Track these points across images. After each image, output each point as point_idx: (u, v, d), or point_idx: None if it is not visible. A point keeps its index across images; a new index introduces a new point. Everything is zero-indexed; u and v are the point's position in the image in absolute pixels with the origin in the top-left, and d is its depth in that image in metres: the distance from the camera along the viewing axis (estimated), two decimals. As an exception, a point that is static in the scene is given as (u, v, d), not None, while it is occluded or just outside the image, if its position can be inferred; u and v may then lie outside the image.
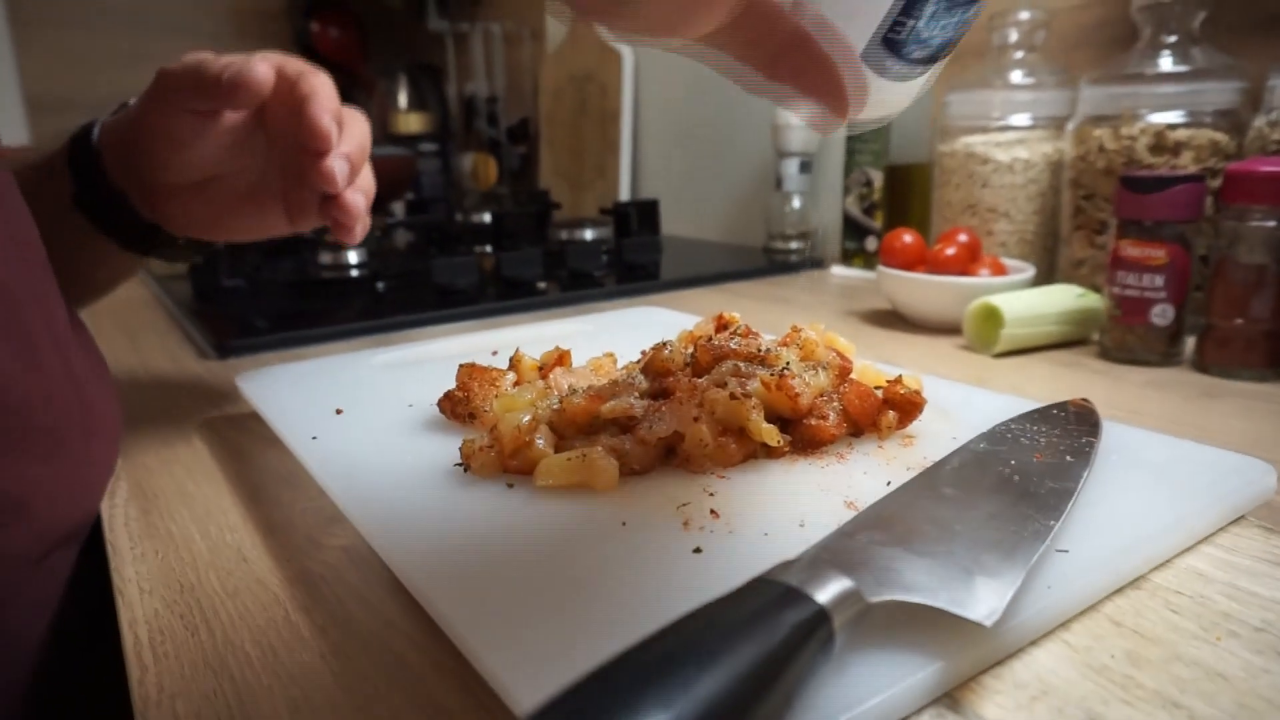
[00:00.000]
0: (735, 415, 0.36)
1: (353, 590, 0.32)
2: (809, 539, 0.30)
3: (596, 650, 0.24)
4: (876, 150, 0.94)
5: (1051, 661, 0.25)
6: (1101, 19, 0.79)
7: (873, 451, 0.38)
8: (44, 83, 1.91)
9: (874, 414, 0.39)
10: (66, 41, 1.92)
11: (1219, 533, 0.32)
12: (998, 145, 0.77)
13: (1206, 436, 0.45)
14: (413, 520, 0.32)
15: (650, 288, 0.91)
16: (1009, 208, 0.77)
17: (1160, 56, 0.66)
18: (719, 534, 0.31)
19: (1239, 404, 0.51)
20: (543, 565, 0.29)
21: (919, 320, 0.72)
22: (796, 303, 0.85)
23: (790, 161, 1.09)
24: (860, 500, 0.33)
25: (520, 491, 0.35)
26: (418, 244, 1.14)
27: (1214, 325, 0.57)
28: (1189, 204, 0.57)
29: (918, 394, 0.40)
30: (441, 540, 0.31)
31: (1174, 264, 0.57)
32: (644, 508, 0.33)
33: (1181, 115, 0.64)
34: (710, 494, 0.34)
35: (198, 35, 2.10)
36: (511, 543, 0.30)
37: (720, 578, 0.27)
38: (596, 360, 0.48)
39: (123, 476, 0.45)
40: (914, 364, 0.60)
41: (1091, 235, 0.70)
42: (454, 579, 0.28)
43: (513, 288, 0.88)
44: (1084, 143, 0.70)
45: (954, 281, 0.68)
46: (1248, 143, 0.63)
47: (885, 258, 0.73)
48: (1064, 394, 0.54)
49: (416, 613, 0.30)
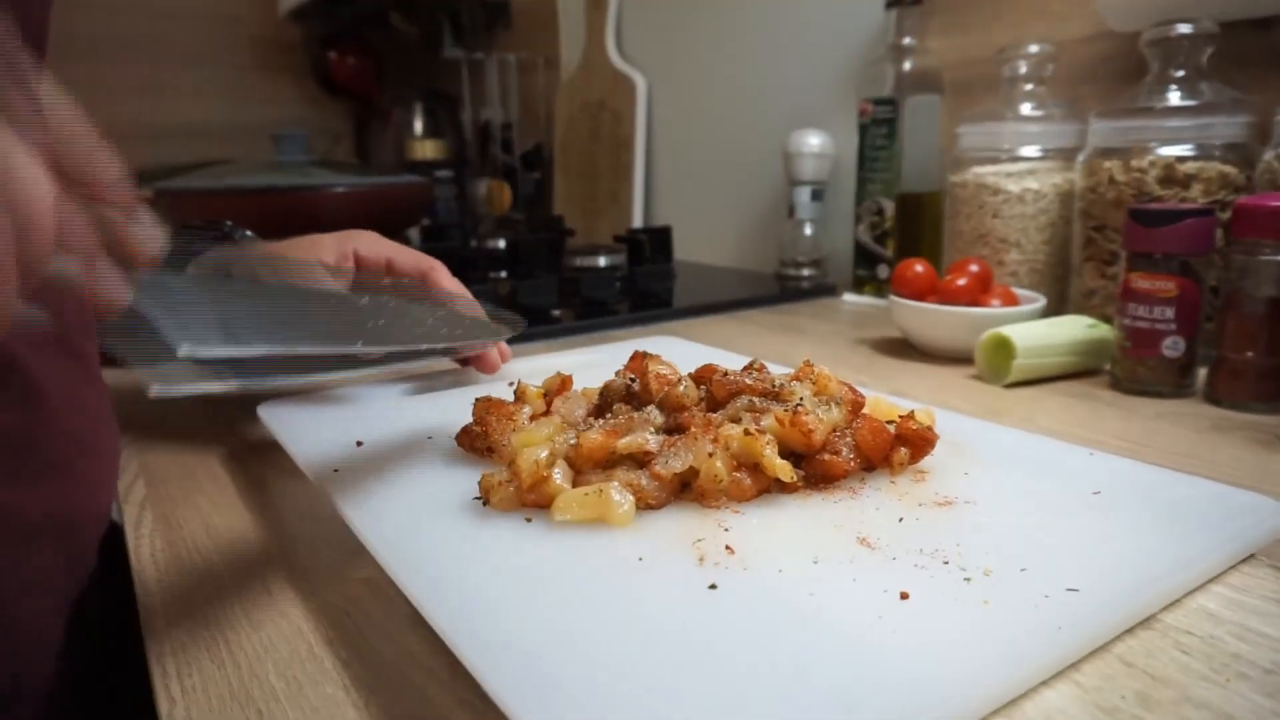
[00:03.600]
0: (750, 451, 0.37)
1: (375, 624, 0.33)
2: (822, 576, 0.30)
3: (614, 688, 0.24)
4: (888, 179, 0.95)
5: (1062, 702, 0.25)
6: (1109, 52, 0.80)
7: (885, 486, 0.39)
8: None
9: (886, 449, 0.40)
10: (89, 73, 1.96)
11: (1229, 571, 0.32)
12: (1008, 176, 0.78)
13: (1217, 471, 0.45)
14: (434, 554, 0.33)
15: (664, 315, 0.92)
16: (1020, 238, 0.78)
17: (1169, 90, 0.67)
18: (733, 570, 0.31)
19: (1251, 437, 0.51)
20: (561, 601, 0.29)
21: (930, 350, 0.72)
22: (809, 331, 0.85)
23: (802, 190, 1.10)
24: (873, 536, 0.33)
25: (538, 525, 0.35)
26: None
27: (1225, 358, 0.57)
28: (1198, 237, 0.57)
29: (930, 429, 0.41)
30: (462, 575, 0.31)
31: (1184, 296, 0.58)
32: (659, 543, 0.33)
33: (1191, 149, 0.65)
34: (725, 529, 0.35)
35: (218, 66, 2.15)
36: (530, 578, 0.31)
37: (735, 615, 0.28)
38: (590, 390, 0.49)
39: (148, 506, 0.46)
40: (925, 395, 0.61)
41: (1102, 266, 0.71)
42: (474, 614, 0.29)
43: (528, 315, 0.89)
44: (1094, 175, 0.70)
45: (965, 312, 0.69)
46: (1257, 175, 0.63)
47: (897, 287, 0.74)
48: (1075, 425, 0.54)
49: (438, 646, 0.30)
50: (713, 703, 0.24)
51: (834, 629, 0.27)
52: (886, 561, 0.31)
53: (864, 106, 0.96)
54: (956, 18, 0.95)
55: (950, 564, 0.31)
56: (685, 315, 0.93)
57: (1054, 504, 0.36)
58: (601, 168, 1.54)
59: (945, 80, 0.94)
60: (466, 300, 0.57)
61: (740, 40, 1.27)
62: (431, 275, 0.57)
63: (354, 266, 0.55)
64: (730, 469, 0.37)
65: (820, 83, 1.15)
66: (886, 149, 0.95)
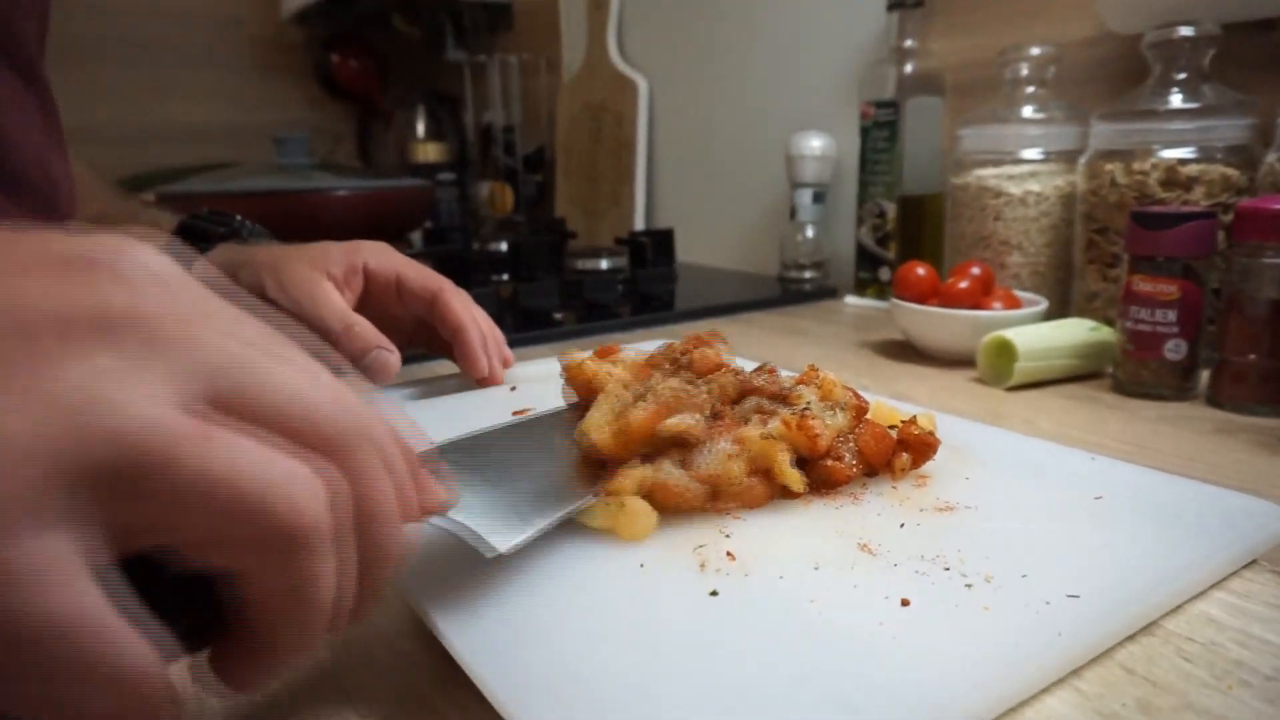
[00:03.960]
0: (765, 456, 0.37)
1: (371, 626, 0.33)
2: (824, 581, 0.30)
3: (615, 694, 0.24)
4: (889, 182, 0.95)
5: (1064, 709, 0.25)
6: (1111, 54, 0.80)
7: (886, 491, 0.39)
8: (71, 116, 1.96)
9: (889, 455, 0.40)
10: (91, 74, 1.96)
11: (1231, 577, 0.32)
12: (1010, 178, 0.78)
13: (1220, 475, 0.45)
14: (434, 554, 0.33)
15: (665, 318, 0.92)
16: (1022, 240, 0.78)
17: (1171, 93, 0.66)
18: (734, 576, 0.31)
19: (1253, 440, 0.51)
20: (562, 606, 0.29)
21: (932, 352, 0.72)
22: (811, 334, 0.85)
23: (804, 192, 1.10)
24: (874, 542, 0.33)
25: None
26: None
27: (1227, 361, 0.57)
28: (1200, 240, 0.57)
29: (932, 435, 0.41)
30: (462, 576, 0.31)
31: (1186, 299, 0.58)
32: (661, 548, 0.33)
33: (1192, 151, 0.65)
34: (726, 535, 0.35)
35: (220, 68, 2.15)
36: (530, 580, 0.31)
37: (736, 621, 0.28)
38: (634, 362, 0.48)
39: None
40: (927, 398, 0.61)
41: (1104, 269, 0.71)
42: (473, 619, 0.29)
43: (530, 318, 0.89)
44: (1096, 177, 0.70)
45: (967, 315, 0.69)
46: (1259, 177, 0.63)
47: (899, 290, 0.74)
48: (1077, 429, 0.54)
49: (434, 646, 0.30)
50: (714, 709, 0.24)
51: (835, 635, 0.27)
52: (888, 568, 0.31)
53: (865, 109, 0.96)
54: (958, 19, 0.95)
55: (951, 570, 0.31)
56: (687, 318, 0.93)
57: (1055, 509, 0.36)
58: (603, 169, 1.54)
59: (947, 82, 0.94)
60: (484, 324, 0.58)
61: (742, 43, 1.27)
62: (441, 297, 0.57)
63: (363, 280, 0.55)
64: (746, 473, 0.37)
65: (822, 85, 1.15)
66: (888, 151, 0.95)
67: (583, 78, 1.59)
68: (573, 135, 1.63)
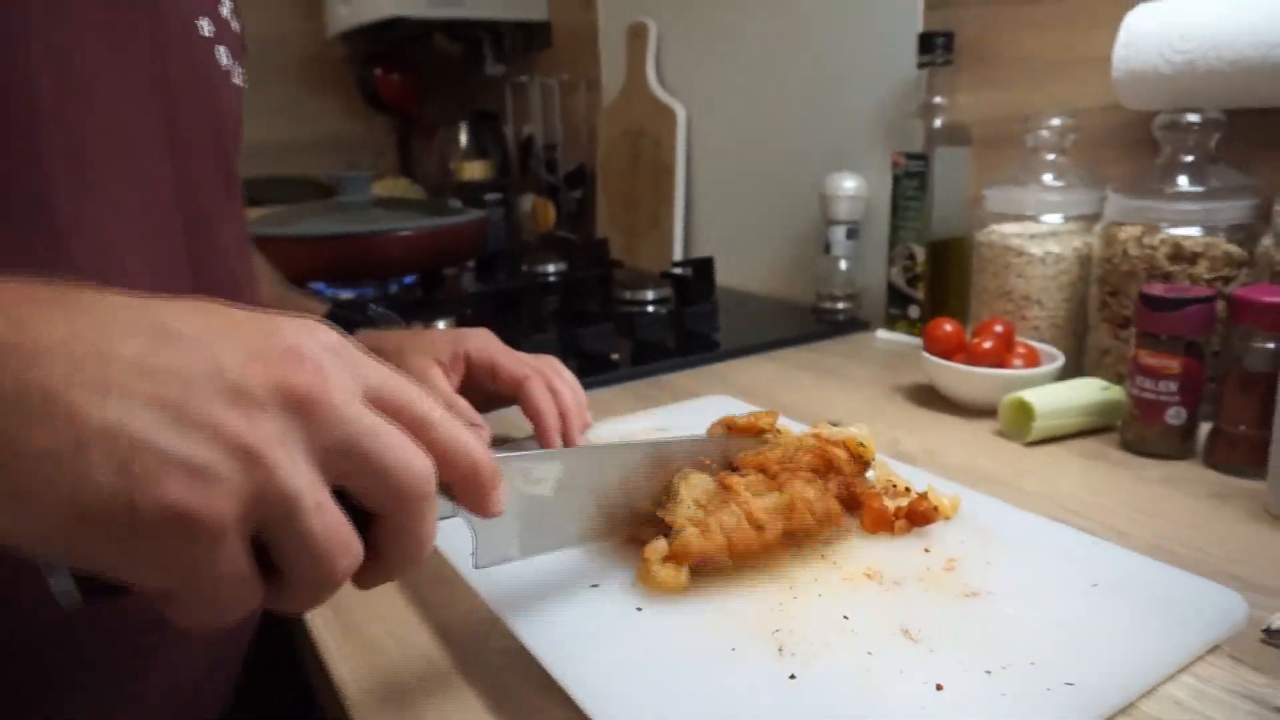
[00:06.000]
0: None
1: (515, 689, 0.42)
2: (872, 668, 0.39)
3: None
4: (919, 228, 1.02)
5: (1060, 776, 0.34)
6: (1128, 120, 0.87)
7: (924, 575, 0.46)
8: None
9: (889, 526, 0.51)
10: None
11: (1197, 662, 0.40)
12: (1031, 238, 0.85)
13: (1215, 541, 0.53)
14: (563, 625, 0.42)
15: (709, 358, 1.00)
16: (1041, 296, 0.85)
17: (1179, 175, 0.73)
18: (800, 658, 0.40)
19: (1245, 508, 0.58)
20: (682, 679, 0.38)
21: (959, 403, 0.80)
22: (845, 375, 0.93)
23: (838, 229, 1.17)
24: (915, 628, 0.42)
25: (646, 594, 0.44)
26: (489, 310, 1.20)
27: (1221, 429, 0.64)
28: (1201, 321, 0.65)
29: (935, 509, 0.51)
30: (583, 653, 0.40)
31: (1187, 373, 0.65)
32: (742, 634, 0.42)
33: (1198, 230, 0.72)
34: (784, 616, 0.43)
35: (264, 84, 2.24)
36: (641, 644, 0.40)
37: (811, 704, 0.37)
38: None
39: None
40: (958, 452, 0.69)
41: (1116, 329, 0.78)
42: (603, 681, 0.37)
43: (589, 361, 0.98)
44: (1110, 245, 0.77)
45: (990, 373, 0.77)
46: (1257, 256, 0.70)
47: (928, 345, 0.82)
48: (1091, 492, 0.62)
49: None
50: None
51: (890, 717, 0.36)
52: (925, 654, 0.40)
53: (897, 159, 1.03)
54: (985, 75, 1.02)
55: (977, 657, 0.39)
56: (729, 356, 1.01)
57: (1060, 594, 0.44)
58: (642, 191, 1.62)
59: (973, 134, 1.01)
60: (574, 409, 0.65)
61: (778, 83, 1.34)
62: (525, 386, 0.63)
63: (464, 365, 0.64)
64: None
65: (855, 128, 1.21)
66: (918, 199, 1.02)
67: (621, 102, 1.66)
68: (612, 157, 1.70)
